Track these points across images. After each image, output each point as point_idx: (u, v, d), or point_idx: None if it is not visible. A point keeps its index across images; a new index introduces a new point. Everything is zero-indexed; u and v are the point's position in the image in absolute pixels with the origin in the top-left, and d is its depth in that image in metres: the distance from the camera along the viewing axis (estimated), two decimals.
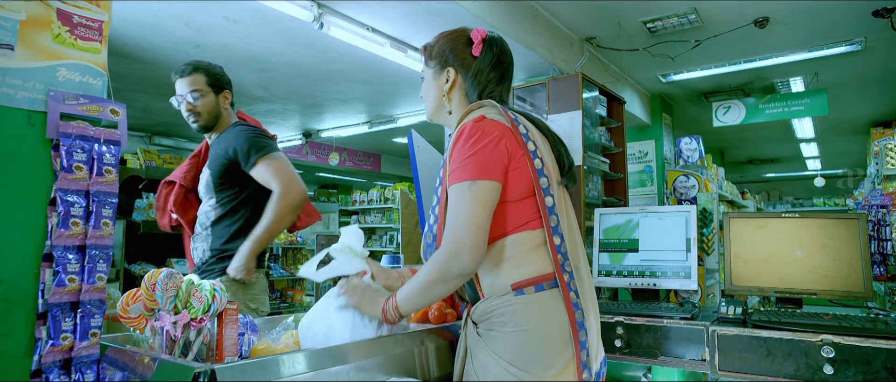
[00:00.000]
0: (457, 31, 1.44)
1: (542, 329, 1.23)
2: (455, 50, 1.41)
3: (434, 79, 1.44)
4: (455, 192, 1.24)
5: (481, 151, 1.24)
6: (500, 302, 1.25)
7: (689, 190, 3.45)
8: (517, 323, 1.22)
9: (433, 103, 1.45)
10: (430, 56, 1.45)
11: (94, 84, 1.34)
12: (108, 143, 1.31)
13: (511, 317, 1.23)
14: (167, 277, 1.18)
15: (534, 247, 1.27)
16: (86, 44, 1.33)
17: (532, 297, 1.24)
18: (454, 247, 1.20)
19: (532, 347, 1.21)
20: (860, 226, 1.93)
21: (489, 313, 1.26)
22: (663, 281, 2.14)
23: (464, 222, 1.21)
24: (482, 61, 1.39)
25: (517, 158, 1.27)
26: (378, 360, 1.26)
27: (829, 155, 9.96)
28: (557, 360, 1.22)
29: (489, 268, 1.28)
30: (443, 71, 1.42)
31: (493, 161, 1.24)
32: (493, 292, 1.27)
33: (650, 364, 1.87)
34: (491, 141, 1.25)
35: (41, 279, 1.22)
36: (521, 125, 1.31)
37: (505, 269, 1.26)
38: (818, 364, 1.57)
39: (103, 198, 1.28)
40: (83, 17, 1.32)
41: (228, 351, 1.17)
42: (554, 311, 1.24)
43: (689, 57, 4.78)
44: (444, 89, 1.42)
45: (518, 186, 1.27)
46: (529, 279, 1.25)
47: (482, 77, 1.39)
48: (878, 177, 4.79)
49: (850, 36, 4.40)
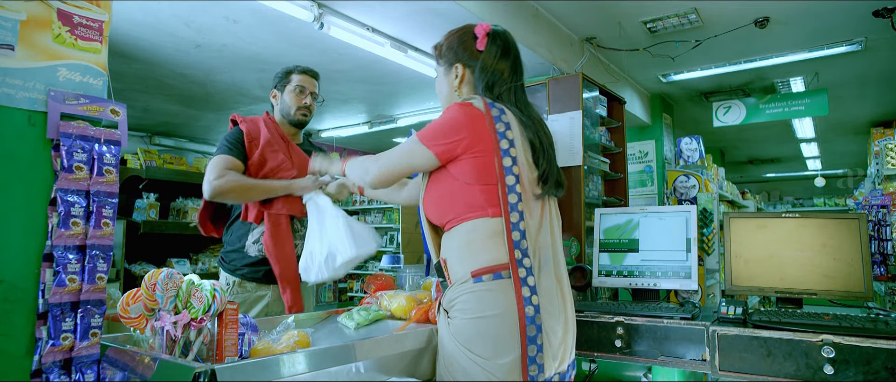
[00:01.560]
0: (463, 28, 1.50)
1: (494, 316, 1.27)
2: (462, 46, 1.47)
3: (445, 76, 1.52)
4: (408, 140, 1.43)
5: (440, 127, 1.38)
6: (462, 289, 1.32)
7: (690, 190, 3.45)
8: (473, 310, 1.29)
9: (445, 99, 1.53)
10: (440, 54, 1.53)
11: (95, 84, 1.34)
12: (109, 143, 1.31)
13: (469, 304, 1.30)
14: (167, 277, 1.18)
15: (492, 234, 1.33)
16: (86, 44, 1.33)
17: (489, 285, 1.29)
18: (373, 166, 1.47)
19: (484, 333, 1.27)
20: (860, 226, 1.93)
21: (454, 300, 1.33)
22: (663, 281, 2.13)
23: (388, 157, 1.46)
24: (487, 55, 1.45)
25: (483, 146, 1.35)
26: (378, 360, 1.26)
27: (829, 155, 9.95)
28: (507, 350, 1.26)
29: (454, 254, 1.36)
30: (452, 67, 1.50)
31: (441, 137, 1.37)
32: (457, 278, 1.34)
33: (650, 364, 1.87)
34: (459, 127, 1.36)
35: (41, 279, 1.22)
36: (501, 122, 1.37)
37: (466, 255, 1.33)
38: (818, 365, 1.57)
39: (104, 198, 1.28)
40: (83, 17, 1.32)
41: (229, 351, 1.17)
42: (508, 301, 1.29)
43: (689, 57, 4.77)
44: (454, 85, 1.49)
45: (480, 171, 1.35)
46: (487, 267, 1.31)
47: (488, 70, 1.44)
48: (879, 177, 4.79)
49: (851, 36, 4.39)
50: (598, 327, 1.92)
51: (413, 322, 1.60)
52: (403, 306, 1.68)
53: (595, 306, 2.00)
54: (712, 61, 4.98)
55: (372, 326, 1.64)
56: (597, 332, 1.92)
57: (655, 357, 1.84)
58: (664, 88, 5.95)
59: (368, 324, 1.65)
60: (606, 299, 2.67)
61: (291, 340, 1.32)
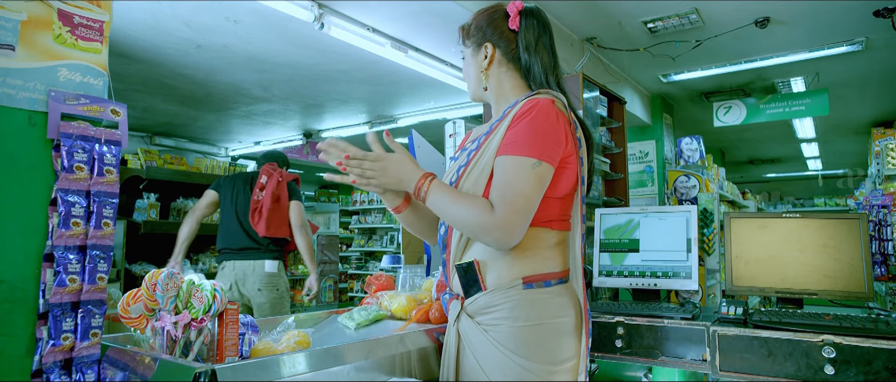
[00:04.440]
0: (494, 6, 1.41)
1: (552, 323, 1.22)
2: (492, 25, 1.38)
3: (473, 58, 1.41)
4: (515, 164, 1.18)
5: (551, 135, 1.20)
6: (507, 295, 1.22)
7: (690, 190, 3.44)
8: (529, 317, 1.21)
9: (473, 82, 1.42)
10: (468, 35, 1.42)
11: (95, 84, 1.34)
12: (109, 144, 1.31)
13: (521, 311, 1.21)
14: (168, 277, 1.18)
15: (553, 245, 1.26)
16: (87, 44, 1.33)
17: (541, 291, 1.23)
18: (510, 220, 1.15)
19: (541, 340, 1.21)
20: (861, 226, 1.93)
21: (493, 305, 1.23)
22: (664, 281, 2.13)
23: (524, 201, 1.16)
24: (526, 34, 1.35)
25: (569, 158, 1.25)
26: (378, 360, 1.25)
27: (829, 155, 9.94)
28: (564, 355, 1.22)
29: (498, 259, 1.24)
30: (480, 48, 1.39)
31: (556, 148, 1.21)
32: (499, 284, 1.24)
33: (651, 364, 1.87)
34: (559, 130, 1.22)
35: (42, 279, 1.22)
36: (578, 128, 1.30)
37: (519, 262, 1.23)
38: (819, 365, 1.57)
39: (104, 199, 1.28)
40: (84, 18, 1.32)
41: (229, 352, 1.17)
42: (564, 307, 1.25)
43: (689, 57, 4.77)
44: (483, 66, 1.38)
45: (560, 184, 1.24)
46: (541, 275, 1.24)
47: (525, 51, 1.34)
48: (879, 177, 4.79)
49: (851, 36, 4.39)
50: (599, 327, 1.92)
51: (413, 322, 1.60)
52: (404, 306, 1.68)
53: (595, 306, 1.99)
54: (713, 61, 4.98)
55: (372, 326, 1.64)
56: (597, 332, 1.92)
57: (656, 358, 1.84)
58: (664, 88, 5.95)
59: (369, 324, 1.65)
60: (607, 299, 2.67)
61: (292, 340, 1.32)
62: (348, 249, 9.39)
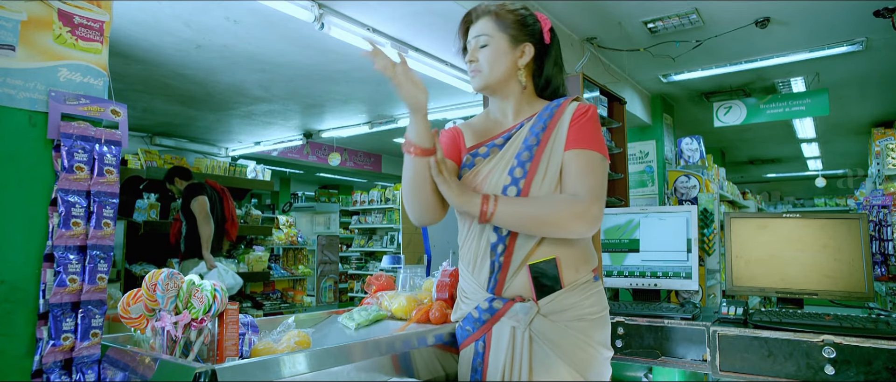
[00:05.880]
0: (527, 11, 1.45)
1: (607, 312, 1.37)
2: (534, 30, 1.44)
3: (508, 51, 1.40)
4: (590, 157, 1.28)
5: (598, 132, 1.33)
6: (584, 289, 1.32)
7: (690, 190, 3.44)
8: (604, 307, 1.35)
9: (501, 72, 1.40)
10: (508, 24, 1.41)
11: (95, 84, 1.34)
12: (109, 144, 1.31)
13: (598, 303, 1.33)
14: (168, 277, 1.18)
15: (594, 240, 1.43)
16: (87, 44, 1.33)
17: (599, 282, 1.37)
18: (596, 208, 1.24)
19: (608, 327, 1.34)
20: (861, 227, 1.93)
21: (575, 303, 1.30)
22: (664, 281, 2.13)
23: (602, 191, 1.27)
24: (553, 50, 1.45)
25: None
26: (378, 360, 1.26)
27: (830, 155, 9.95)
28: None
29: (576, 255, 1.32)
30: (519, 45, 1.41)
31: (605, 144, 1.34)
32: (577, 279, 1.31)
33: (651, 364, 1.87)
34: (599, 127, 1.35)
35: (42, 279, 1.22)
36: None
37: (587, 255, 1.34)
38: (819, 365, 1.57)
39: (104, 199, 1.28)
40: (84, 18, 1.32)
41: (229, 352, 1.17)
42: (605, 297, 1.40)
43: (689, 57, 4.77)
44: (520, 63, 1.41)
45: None
46: (596, 268, 1.38)
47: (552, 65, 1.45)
48: (880, 177, 4.79)
49: (852, 36, 4.39)
50: None
51: (413, 323, 1.60)
52: (404, 306, 1.68)
53: None
54: (713, 61, 4.98)
55: (372, 326, 1.64)
56: None
57: (656, 358, 1.84)
58: (665, 88, 5.95)
59: (369, 324, 1.65)
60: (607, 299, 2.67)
61: (292, 340, 1.32)
62: (348, 249, 9.40)
